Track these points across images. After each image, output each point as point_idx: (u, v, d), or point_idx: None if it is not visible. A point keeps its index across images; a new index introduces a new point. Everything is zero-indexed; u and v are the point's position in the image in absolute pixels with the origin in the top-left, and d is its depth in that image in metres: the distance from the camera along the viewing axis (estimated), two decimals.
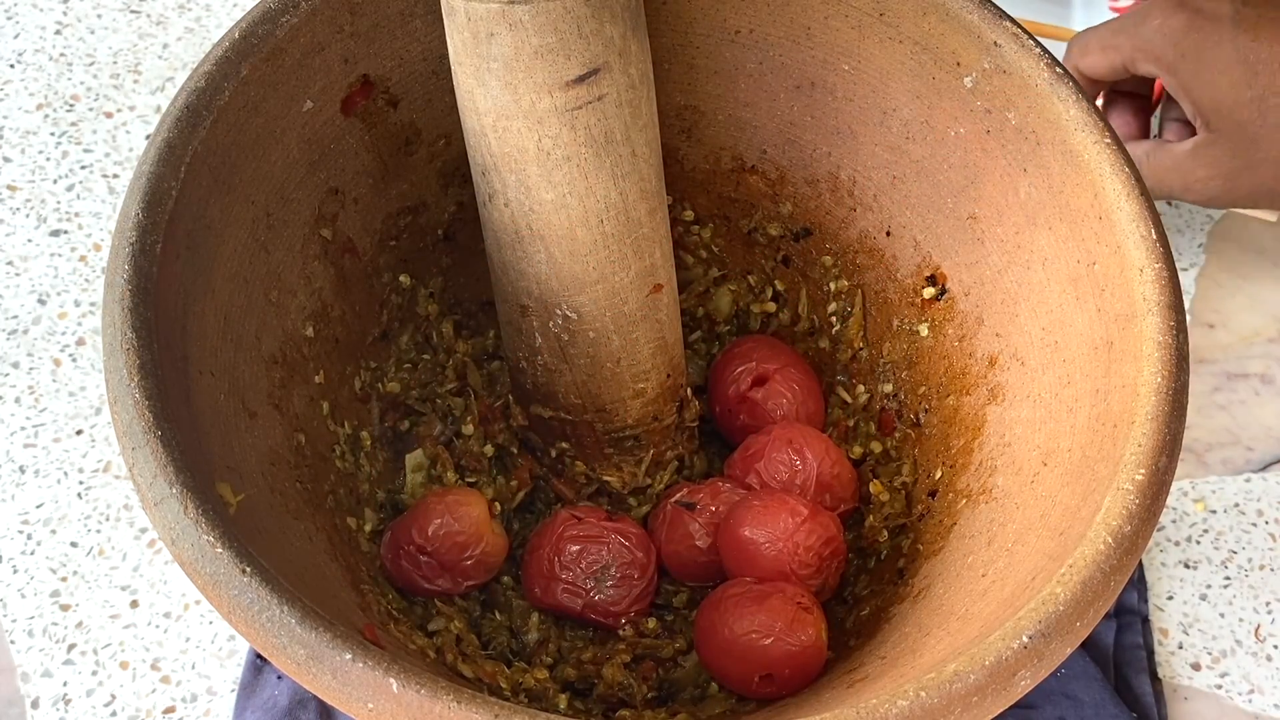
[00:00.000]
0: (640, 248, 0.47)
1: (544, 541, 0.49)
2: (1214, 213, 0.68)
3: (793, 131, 0.51)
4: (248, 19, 0.44)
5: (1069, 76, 0.44)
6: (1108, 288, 0.42)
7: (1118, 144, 0.43)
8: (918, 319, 0.51)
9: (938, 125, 0.47)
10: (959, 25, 0.45)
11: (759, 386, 0.53)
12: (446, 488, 0.51)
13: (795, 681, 0.46)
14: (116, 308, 0.38)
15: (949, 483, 0.48)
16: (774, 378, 0.53)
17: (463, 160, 0.48)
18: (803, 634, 0.46)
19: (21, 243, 0.65)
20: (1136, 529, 0.36)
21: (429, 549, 0.47)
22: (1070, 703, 0.54)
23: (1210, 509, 0.60)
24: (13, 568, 0.57)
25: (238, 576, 0.35)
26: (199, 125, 0.42)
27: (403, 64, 0.48)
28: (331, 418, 0.49)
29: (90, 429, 0.60)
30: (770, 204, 0.54)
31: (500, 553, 0.49)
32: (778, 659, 0.45)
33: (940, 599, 0.43)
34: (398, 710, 0.33)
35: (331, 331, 0.49)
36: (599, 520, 0.49)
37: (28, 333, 0.63)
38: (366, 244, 0.50)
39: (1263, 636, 0.58)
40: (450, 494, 0.49)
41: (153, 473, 0.36)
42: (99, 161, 0.68)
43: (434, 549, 0.48)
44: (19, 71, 0.70)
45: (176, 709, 0.54)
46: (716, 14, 0.49)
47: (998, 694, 0.34)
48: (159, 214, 0.40)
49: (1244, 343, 0.65)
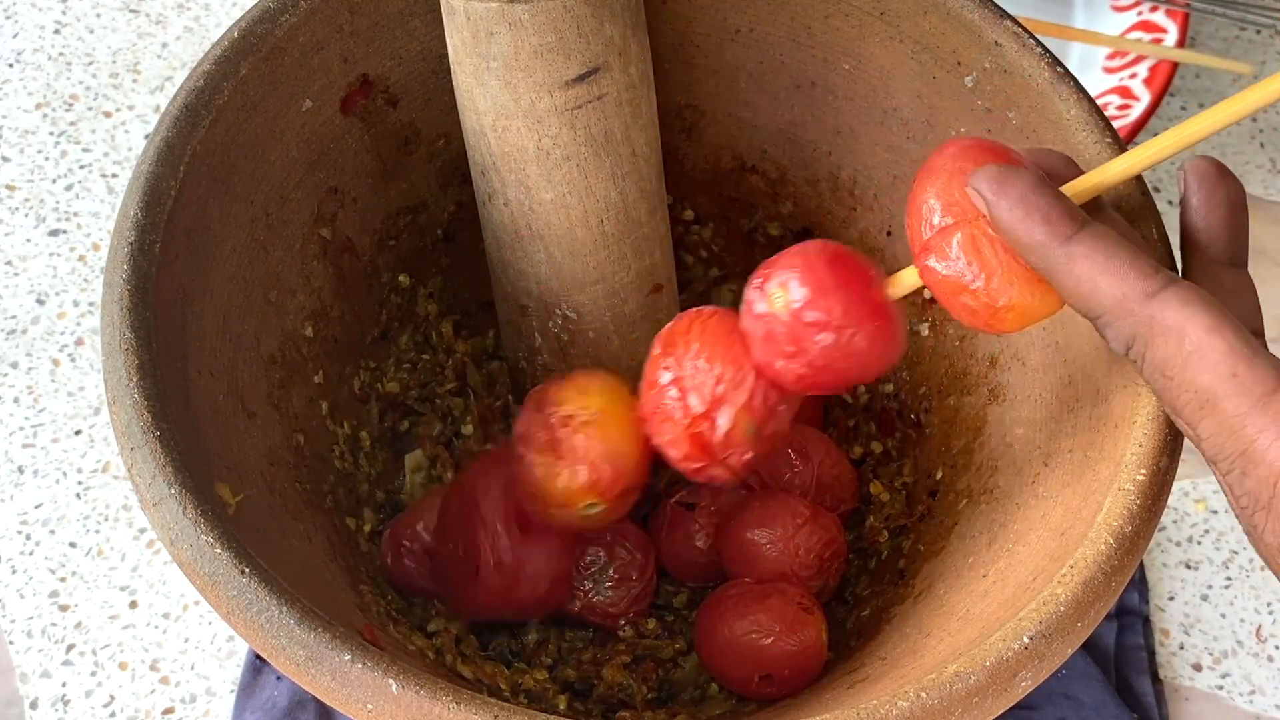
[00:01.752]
0: (640, 247, 0.47)
1: None
2: None
3: (793, 131, 0.51)
4: (247, 18, 0.44)
5: (1069, 76, 0.44)
6: None
7: (1118, 144, 0.42)
8: (918, 319, 0.50)
9: (938, 125, 0.47)
10: (960, 24, 0.45)
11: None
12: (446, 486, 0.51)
13: (795, 682, 0.46)
14: (115, 308, 0.38)
15: (949, 483, 0.48)
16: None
17: (462, 160, 0.48)
18: (803, 634, 0.45)
19: (20, 242, 0.65)
20: (1138, 529, 0.36)
21: (430, 548, 0.47)
22: (1071, 703, 0.53)
23: (1211, 509, 0.60)
24: (11, 568, 0.57)
25: (237, 577, 0.34)
26: (198, 125, 0.42)
27: (402, 63, 0.48)
28: (331, 418, 0.48)
29: (89, 429, 0.60)
30: (770, 203, 0.54)
31: None
32: (777, 659, 0.45)
33: (941, 599, 0.43)
34: (397, 711, 0.33)
35: (331, 331, 0.49)
36: None
37: (26, 333, 0.63)
38: (366, 244, 0.50)
39: (1264, 637, 0.57)
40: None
41: (151, 473, 0.36)
42: (98, 161, 0.68)
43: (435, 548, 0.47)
44: (18, 71, 0.70)
45: (175, 709, 0.54)
46: (716, 13, 0.49)
47: (998, 695, 0.34)
48: (158, 214, 0.40)
49: None
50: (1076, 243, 0.33)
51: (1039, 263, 0.34)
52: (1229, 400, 0.32)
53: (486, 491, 0.45)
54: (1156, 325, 0.33)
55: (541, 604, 0.47)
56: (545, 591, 0.47)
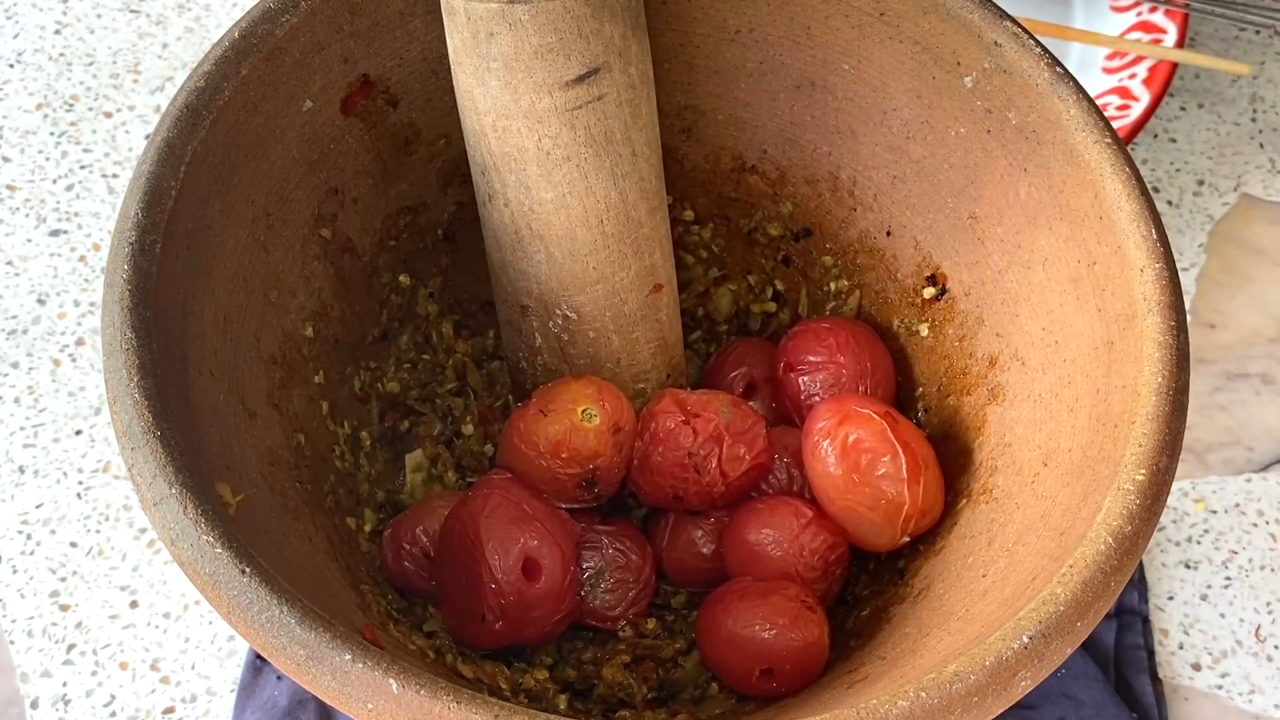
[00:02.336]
0: (640, 248, 0.47)
1: None
2: (1214, 213, 0.68)
3: (793, 131, 0.51)
4: (247, 19, 0.44)
5: (1069, 76, 0.44)
6: (1108, 288, 0.42)
7: (1118, 144, 0.42)
8: (918, 319, 0.50)
9: (938, 125, 0.47)
10: (959, 25, 0.45)
11: (752, 392, 0.53)
12: (448, 489, 0.51)
13: (795, 679, 0.46)
14: (116, 308, 0.38)
15: (949, 483, 0.48)
16: (762, 386, 0.53)
17: (462, 160, 0.48)
18: (805, 631, 0.45)
19: (21, 243, 0.65)
20: (1137, 529, 0.36)
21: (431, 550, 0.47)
22: (1070, 703, 0.54)
23: (1211, 509, 0.60)
24: (12, 568, 0.57)
25: (237, 577, 0.34)
26: (199, 125, 0.42)
27: (402, 64, 0.48)
28: (331, 418, 0.49)
29: (90, 429, 0.60)
30: (770, 204, 0.54)
31: None
32: (779, 652, 0.45)
33: (940, 599, 0.43)
34: (397, 711, 0.33)
35: (331, 331, 0.49)
36: (592, 523, 0.49)
37: (27, 333, 0.63)
38: (366, 244, 0.50)
39: (1263, 637, 0.58)
40: (452, 494, 0.49)
41: (152, 473, 0.36)
42: (98, 161, 0.68)
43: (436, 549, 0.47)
44: (18, 71, 0.70)
45: (176, 709, 0.54)
46: (716, 14, 0.49)
47: (998, 694, 0.34)
48: (158, 214, 0.40)
49: (1245, 343, 0.65)
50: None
51: None
52: None
53: (491, 534, 0.45)
54: None
55: (547, 638, 0.47)
56: (551, 628, 0.46)
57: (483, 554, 0.44)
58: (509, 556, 0.44)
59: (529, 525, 0.45)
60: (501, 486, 0.46)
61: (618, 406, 0.47)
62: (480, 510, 0.45)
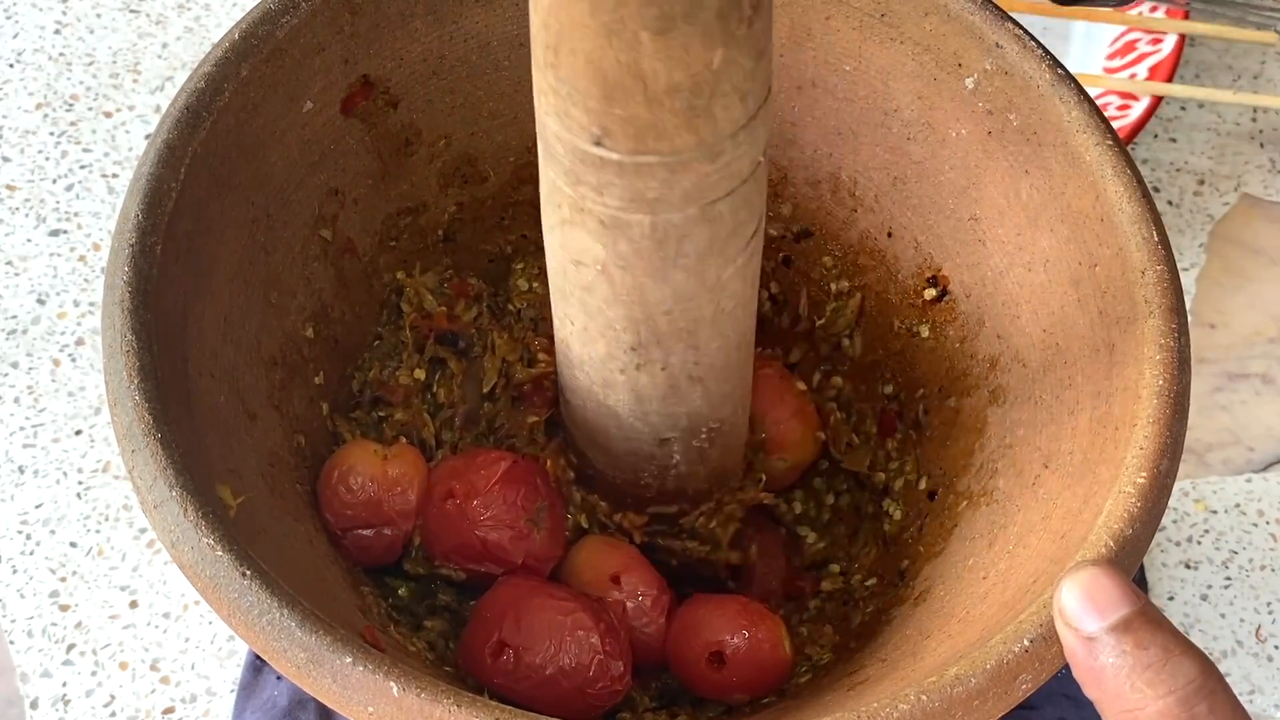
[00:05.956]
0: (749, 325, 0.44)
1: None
2: (1214, 213, 0.68)
3: (793, 132, 0.51)
4: (248, 19, 0.44)
5: (1070, 78, 0.44)
6: (1109, 290, 0.42)
7: (1119, 146, 0.42)
8: (919, 320, 0.50)
9: (939, 126, 0.47)
10: (961, 26, 0.45)
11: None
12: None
13: (748, 670, 0.45)
14: (116, 309, 0.38)
15: (949, 485, 0.48)
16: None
17: (462, 160, 0.48)
18: (759, 624, 0.45)
19: (21, 242, 0.65)
20: (1138, 532, 0.36)
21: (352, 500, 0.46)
22: (1071, 703, 0.54)
23: (1211, 509, 0.60)
24: (12, 568, 0.57)
25: (238, 579, 0.34)
26: (199, 126, 0.42)
27: (403, 64, 0.48)
28: (331, 419, 0.49)
29: (89, 429, 0.60)
30: (770, 204, 0.54)
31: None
32: (727, 636, 0.45)
33: (941, 601, 0.43)
34: (398, 714, 0.33)
35: (331, 332, 0.49)
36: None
37: (27, 333, 0.63)
38: (366, 244, 0.50)
39: (1263, 637, 0.58)
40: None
41: (152, 475, 0.36)
42: (98, 161, 0.68)
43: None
44: (18, 71, 0.70)
45: (176, 709, 0.54)
46: None
47: (999, 697, 0.34)
48: (159, 215, 0.40)
49: (1245, 343, 0.65)
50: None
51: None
52: None
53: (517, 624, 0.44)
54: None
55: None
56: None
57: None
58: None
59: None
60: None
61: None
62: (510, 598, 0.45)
